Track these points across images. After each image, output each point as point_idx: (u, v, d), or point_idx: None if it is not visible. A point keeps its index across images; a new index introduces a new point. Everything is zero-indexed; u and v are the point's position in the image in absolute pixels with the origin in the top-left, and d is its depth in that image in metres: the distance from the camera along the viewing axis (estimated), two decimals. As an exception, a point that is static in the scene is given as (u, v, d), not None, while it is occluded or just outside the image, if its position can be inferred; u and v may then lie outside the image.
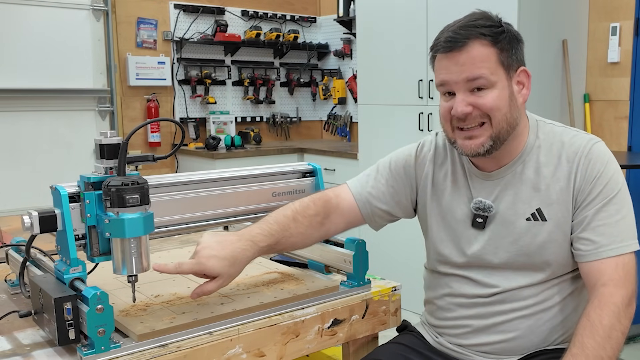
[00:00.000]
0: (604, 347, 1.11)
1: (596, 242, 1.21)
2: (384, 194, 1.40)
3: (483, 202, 1.30)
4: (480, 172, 1.31)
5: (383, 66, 3.59)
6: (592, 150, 1.24)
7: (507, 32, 1.22)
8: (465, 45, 1.19)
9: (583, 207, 1.23)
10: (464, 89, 1.21)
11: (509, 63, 1.22)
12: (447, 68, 1.21)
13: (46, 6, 3.85)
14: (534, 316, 1.28)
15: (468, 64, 1.19)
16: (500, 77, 1.21)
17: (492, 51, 1.20)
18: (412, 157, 1.41)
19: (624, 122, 3.30)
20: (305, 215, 1.32)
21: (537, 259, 1.26)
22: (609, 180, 1.22)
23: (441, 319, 1.38)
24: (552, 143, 1.28)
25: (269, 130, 5.01)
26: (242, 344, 1.18)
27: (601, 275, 1.19)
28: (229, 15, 4.70)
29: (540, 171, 1.26)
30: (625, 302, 1.16)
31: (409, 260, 3.40)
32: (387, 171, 1.41)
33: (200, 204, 1.31)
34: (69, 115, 4.00)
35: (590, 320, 1.14)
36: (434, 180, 1.37)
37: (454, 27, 1.22)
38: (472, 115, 1.21)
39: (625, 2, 3.24)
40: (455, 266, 1.35)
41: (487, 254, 1.30)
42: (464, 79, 1.19)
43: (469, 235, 1.32)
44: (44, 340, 1.14)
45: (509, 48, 1.22)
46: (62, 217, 1.10)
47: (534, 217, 1.26)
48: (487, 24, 1.21)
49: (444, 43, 1.21)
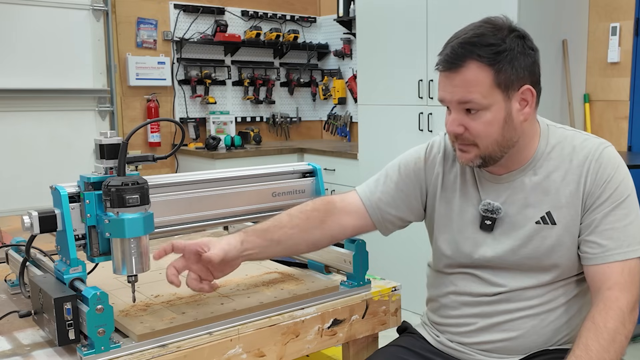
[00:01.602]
0: (608, 351, 1.11)
1: (603, 246, 1.21)
2: (394, 198, 1.38)
3: (492, 204, 1.29)
4: (490, 175, 1.31)
5: (383, 66, 3.59)
6: (603, 154, 1.24)
7: (509, 50, 1.18)
8: (460, 67, 1.18)
9: (592, 210, 1.23)
10: (457, 109, 1.22)
11: (508, 83, 1.18)
12: (444, 87, 1.22)
13: (46, 6, 3.85)
14: (538, 316, 1.28)
15: (460, 87, 1.19)
16: (496, 99, 1.19)
17: (487, 74, 1.17)
18: (422, 159, 1.39)
19: (624, 122, 3.30)
20: (301, 210, 1.32)
21: (546, 261, 1.26)
22: (619, 184, 1.22)
23: (445, 317, 1.38)
24: (563, 147, 1.27)
25: (269, 130, 5.01)
26: (242, 344, 1.18)
27: (607, 279, 1.19)
28: (229, 15, 4.70)
29: (551, 175, 1.26)
30: (630, 306, 1.16)
31: (409, 260, 3.40)
32: (396, 175, 1.40)
33: (200, 204, 1.31)
34: (69, 115, 4.00)
35: (595, 323, 1.14)
36: (443, 181, 1.37)
37: (455, 41, 1.20)
38: (463, 135, 1.22)
39: (625, 2, 3.24)
40: (462, 266, 1.34)
41: (495, 256, 1.29)
42: (456, 100, 1.20)
43: (477, 238, 1.32)
44: (44, 340, 1.14)
45: (509, 67, 1.18)
46: (62, 217, 1.10)
47: (543, 220, 1.26)
48: (488, 42, 1.17)
49: (442, 61, 1.21)
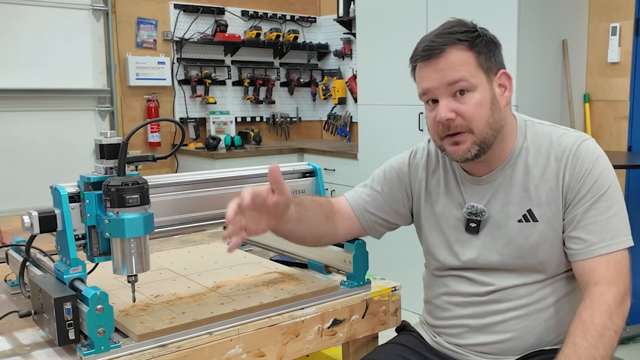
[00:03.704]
0: (597, 347, 1.11)
1: (587, 241, 1.21)
2: (380, 202, 1.41)
3: (475, 207, 1.30)
4: (471, 177, 1.32)
5: (383, 66, 3.59)
6: (580, 148, 1.24)
7: (483, 36, 1.23)
8: (443, 52, 1.19)
9: (573, 205, 1.23)
10: (446, 94, 1.21)
11: (488, 66, 1.22)
12: (428, 75, 1.22)
13: (46, 6, 3.85)
14: (529, 316, 1.28)
15: (447, 69, 1.19)
16: (481, 80, 1.21)
17: (469, 55, 1.20)
18: (406, 164, 1.42)
19: (624, 122, 3.30)
20: (313, 201, 1.34)
21: (531, 260, 1.26)
22: (597, 177, 1.22)
23: (439, 319, 1.39)
24: (541, 143, 1.28)
25: (269, 130, 5.01)
26: (242, 344, 1.18)
27: (593, 274, 1.19)
28: (229, 15, 4.70)
29: (530, 172, 1.26)
30: (618, 300, 1.16)
31: (409, 260, 3.39)
32: (382, 179, 1.42)
33: (200, 204, 1.31)
34: (69, 115, 4.00)
35: (582, 320, 1.14)
36: (427, 186, 1.38)
37: (430, 36, 1.23)
38: (455, 122, 1.21)
39: (625, 2, 3.24)
40: (451, 268, 1.35)
41: (481, 257, 1.30)
42: (445, 83, 1.20)
43: (463, 240, 1.33)
44: (44, 340, 1.14)
45: (486, 51, 1.22)
46: (62, 217, 1.10)
47: (525, 218, 1.26)
48: (463, 30, 1.21)
49: (421, 52, 1.22)
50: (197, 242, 1.83)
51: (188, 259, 1.62)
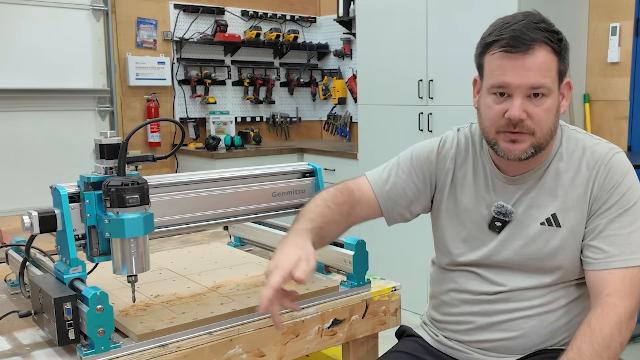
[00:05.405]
0: (601, 356, 1.10)
1: (606, 252, 1.20)
2: (405, 190, 1.38)
3: (505, 207, 1.29)
4: (503, 176, 1.30)
5: (383, 66, 3.59)
6: (613, 159, 1.24)
7: (565, 41, 1.19)
8: (531, 49, 1.14)
9: (597, 215, 1.23)
10: (524, 94, 1.17)
11: (562, 73, 1.20)
12: (512, 71, 1.16)
13: (46, 6, 3.85)
14: (538, 317, 1.27)
15: (534, 70, 1.15)
16: (555, 87, 1.20)
17: (554, 59, 1.17)
18: (434, 152, 1.38)
19: (624, 122, 3.30)
20: (336, 203, 1.31)
21: (548, 263, 1.26)
22: (626, 191, 1.22)
23: (445, 314, 1.38)
24: (574, 150, 1.27)
25: (268, 130, 5.01)
26: (242, 344, 1.18)
27: (607, 285, 1.18)
28: (228, 15, 4.70)
29: (560, 177, 1.26)
30: (628, 314, 1.15)
31: (409, 260, 3.39)
32: (408, 166, 1.39)
33: (200, 204, 1.31)
34: (69, 115, 4.00)
35: (591, 327, 1.13)
36: (453, 178, 1.36)
37: (516, 25, 1.16)
38: (524, 123, 1.18)
39: (625, 2, 3.24)
40: (465, 264, 1.34)
41: (498, 255, 1.29)
42: (529, 85, 1.16)
43: (484, 237, 1.32)
44: (43, 340, 1.14)
45: (565, 57, 1.20)
46: (62, 217, 1.10)
47: (548, 222, 1.26)
48: (550, 29, 1.18)
49: (509, 40, 1.15)
50: (197, 242, 1.83)
51: (188, 259, 1.62)
